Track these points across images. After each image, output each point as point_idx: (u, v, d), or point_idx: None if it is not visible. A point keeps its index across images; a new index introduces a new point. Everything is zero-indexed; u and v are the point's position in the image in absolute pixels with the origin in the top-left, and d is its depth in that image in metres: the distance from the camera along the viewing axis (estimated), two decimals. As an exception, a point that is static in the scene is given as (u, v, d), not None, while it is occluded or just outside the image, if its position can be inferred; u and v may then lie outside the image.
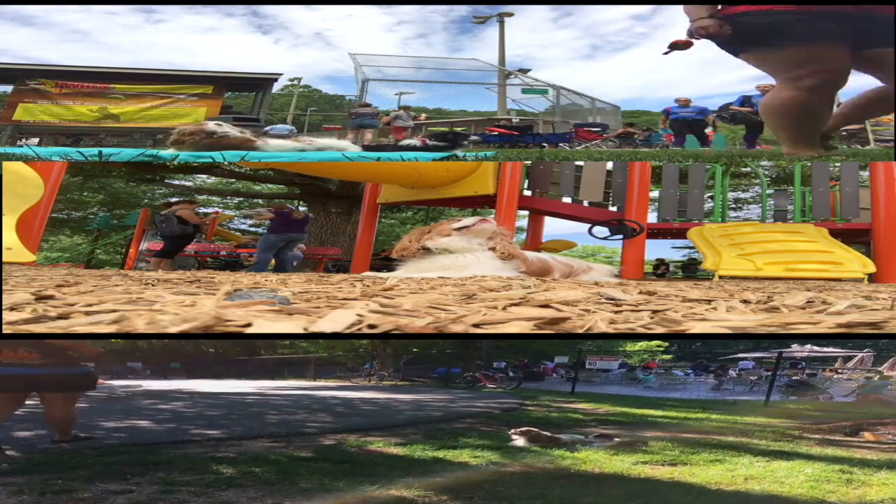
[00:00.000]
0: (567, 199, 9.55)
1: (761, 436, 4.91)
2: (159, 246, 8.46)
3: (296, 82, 19.76)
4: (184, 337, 1.03)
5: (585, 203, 9.42)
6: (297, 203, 15.65)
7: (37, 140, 12.59)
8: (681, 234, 9.11)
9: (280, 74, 15.68)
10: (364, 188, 10.86)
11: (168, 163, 9.46)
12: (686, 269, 13.70)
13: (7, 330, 1.03)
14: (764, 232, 7.96)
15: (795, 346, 16.54)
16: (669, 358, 22.51)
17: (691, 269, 12.71)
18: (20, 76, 13.42)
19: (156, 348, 22.35)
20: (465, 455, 3.61)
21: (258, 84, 14.55)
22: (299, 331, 1.05)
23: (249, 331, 1.03)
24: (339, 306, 1.32)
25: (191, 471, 2.99)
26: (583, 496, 2.74)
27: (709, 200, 10.14)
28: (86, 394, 4.43)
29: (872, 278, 6.80)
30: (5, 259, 6.27)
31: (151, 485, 2.69)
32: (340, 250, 12.41)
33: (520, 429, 4.31)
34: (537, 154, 9.44)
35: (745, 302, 1.69)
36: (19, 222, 7.13)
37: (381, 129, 11.66)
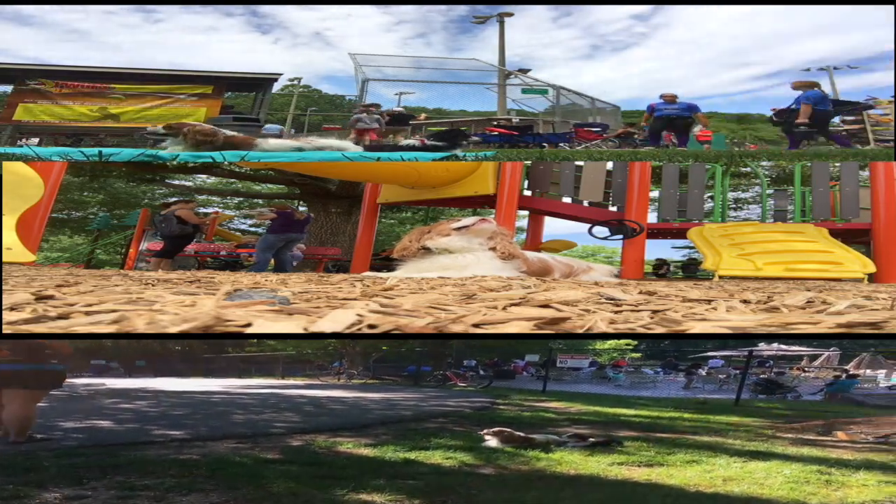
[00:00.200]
0: (567, 199, 9.55)
1: (735, 435, 4.89)
2: (159, 246, 8.46)
3: (296, 82, 19.74)
4: (184, 337, 1.03)
5: (585, 203, 9.42)
6: (297, 203, 15.64)
7: (37, 140, 12.59)
8: (681, 234, 9.11)
9: (280, 74, 15.67)
10: (364, 188, 10.85)
11: (168, 163, 9.46)
12: (686, 269, 13.70)
13: (7, 330, 1.02)
14: (764, 232, 7.96)
15: (763, 345, 16.61)
16: (639, 356, 22.54)
17: (691, 269, 12.71)
18: (20, 76, 13.42)
19: (121, 346, 21.37)
20: (438, 456, 3.53)
21: (258, 84, 14.55)
22: (299, 331, 1.05)
23: (249, 331, 1.03)
24: (339, 306, 1.32)
25: (151, 474, 2.87)
26: (559, 499, 2.68)
27: (709, 200, 10.13)
28: (49, 392, 4.30)
29: (872, 278, 6.80)
30: (5, 259, 6.26)
31: (108, 489, 2.57)
32: (340, 250, 12.41)
33: (492, 429, 4.21)
34: (537, 154, 9.44)
35: (745, 302, 1.69)
36: (19, 222, 7.13)
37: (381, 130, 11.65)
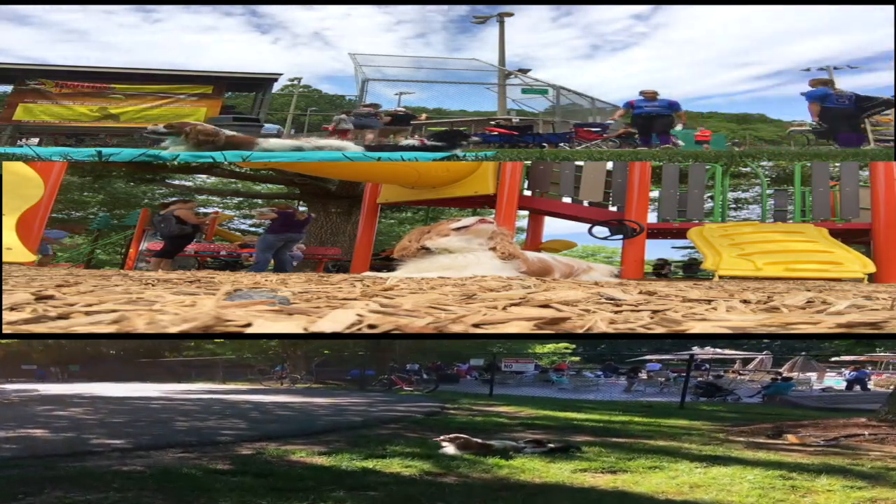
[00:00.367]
0: (567, 199, 9.55)
1: (689, 439, 4.87)
2: (159, 246, 8.46)
3: (296, 82, 19.76)
4: (184, 337, 1.03)
5: (585, 203, 9.42)
6: (298, 203, 15.64)
7: (37, 140, 12.60)
8: (681, 234, 9.11)
9: (280, 74, 15.71)
10: (364, 188, 10.85)
11: (168, 163, 9.46)
12: (687, 269, 13.71)
13: (7, 330, 1.03)
14: (764, 232, 7.96)
15: (696, 349, 16.88)
16: (577, 360, 22.65)
17: (693, 269, 12.72)
18: (20, 76, 13.43)
19: (52, 349, 20.57)
20: (396, 465, 3.43)
21: (258, 84, 14.58)
22: (299, 331, 1.05)
23: (249, 331, 1.03)
24: (339, 306, 1.32)
25: (93, 488, 2.68)
26: None
27: (709, 200, 10.13)
28: None
29: (872, 278, 6.80)
30: (5, 259, 6.26)
31: (46, 505, 2.37)
32: (340, 250, 12.41)
33: (449, 435, 4.12)
34: (537, 154, 9.44)
35: (745, 302, 1.69)
36: (19, 222, 7.12)
37: (381, 131, 11.66)
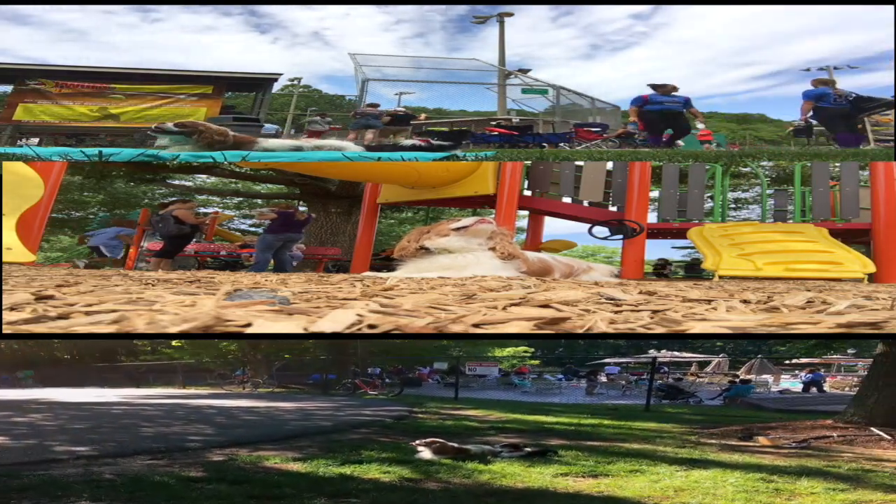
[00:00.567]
0: (567, 199, 9.54)
1: (663, 442, 4.87)
2: (159, 246, 8.45)
3: (295, 82, 19.75)
4: (184, 337, 1.03)
5: (585, 203, 9.42)
6: (298, 203, 15.64)
7: (37, 140, 12.59)
8: (681, 234, 9.11)
9: (280, 74, 15.70)
10: (364, 188, 10.85)
11: (168, 163, 9.45)
12: (689, 269, 13.71)
13: (7, 330, 1.02)
14: (764, 232, 7.95)
15: (653, 351, 16.98)
16: (537, 363, 22.78)
17: (695, 270, 12.71)
18: (20, 76, 13.42)
19: (4, 352, 19.92)
20: (374, 471, 3.36)
21: (258, 84, 14.57)
22: (299, 331, 1.05)
23: (249, 331, 1.03)
24: (339, 306, 1.32)
25: (62, 498, 2.53)
26: None
27: (709, 200, 10.13)
28: None
29: (872, 278, 6.79)
30: (5, 259, 6.26)
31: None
32: (340, 250, 12.40)
33: (424, 440, 4.11)
34: (537, 154, 9.43)
35: (745, 302, 1.69)
36: (19, 222, 7.12)
37: (381, 131, 11.64)
